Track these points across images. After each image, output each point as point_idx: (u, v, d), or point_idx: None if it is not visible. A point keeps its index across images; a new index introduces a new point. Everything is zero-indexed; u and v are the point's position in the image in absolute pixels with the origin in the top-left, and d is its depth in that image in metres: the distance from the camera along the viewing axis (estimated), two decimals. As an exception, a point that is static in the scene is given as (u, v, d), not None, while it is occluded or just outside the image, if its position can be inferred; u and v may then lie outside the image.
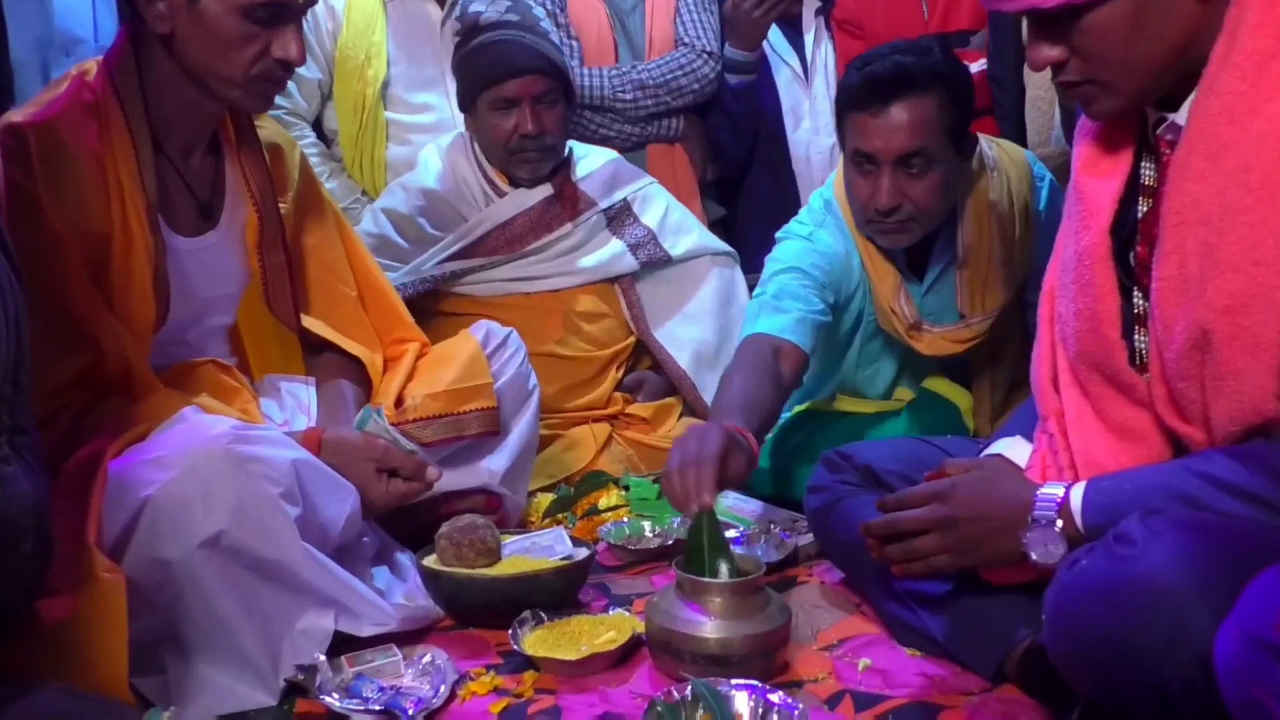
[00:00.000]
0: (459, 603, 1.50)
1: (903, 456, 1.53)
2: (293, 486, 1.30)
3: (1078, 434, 1.21)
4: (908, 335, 1.91)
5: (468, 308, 2.27)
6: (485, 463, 1.77)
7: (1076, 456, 1.20)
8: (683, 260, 2.41)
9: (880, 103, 1.71)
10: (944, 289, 1.92)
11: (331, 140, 2.57)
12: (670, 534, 1.82)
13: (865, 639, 1.44)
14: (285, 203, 1.67)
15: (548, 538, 1.63)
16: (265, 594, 1.28)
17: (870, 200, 1.76)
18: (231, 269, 1.62)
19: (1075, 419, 1.21)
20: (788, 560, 1.72)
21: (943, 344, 1.91)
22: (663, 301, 2.40)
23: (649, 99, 2.54)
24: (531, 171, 2.26)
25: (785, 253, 1.90)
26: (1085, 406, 1.21)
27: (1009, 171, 1.91)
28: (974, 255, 1.88)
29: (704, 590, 1.32)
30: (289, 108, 2.45)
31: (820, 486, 1.57)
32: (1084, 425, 1.20)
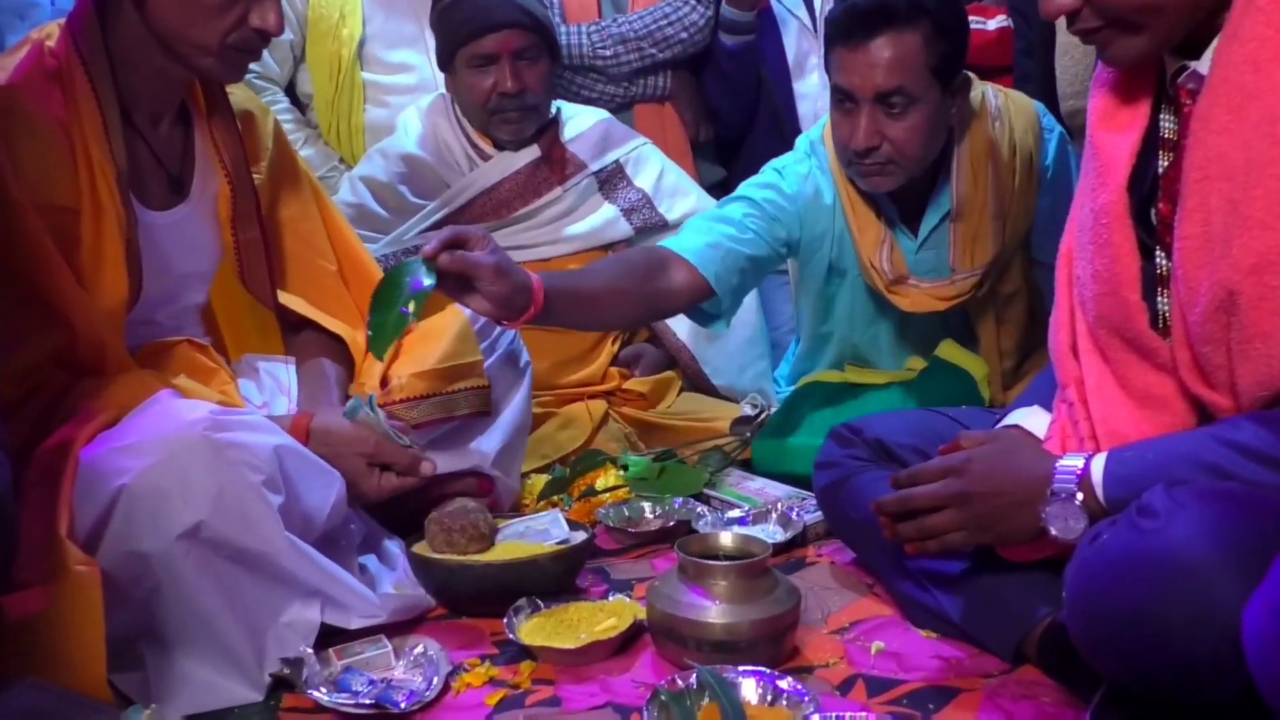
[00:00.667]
0: (451, 591, 1.51)
1: (916, 429, 1.54)
2: (275, 474, 1.31)
3: (1098, 402, 1.21)
4: (888, 291, 1.91)
5: (452, 281, 2.27)
6: (476, 444, 1.78)
7: (1097, 426, 1.21)
8: (680, 225, 2.41)
9: (860, 36, 1.70)
10: (940, 244, 1.92)
11: (306, 105, 2.56)
12: (672, 515, 1.83)
13: (878, 621, 1.45)
14: (259, 173, 1.67)
15: (543, 521, 1.64)
16: (248, 586, 1.29)
17: (849, 140, 1.76)
18: (203, 244, 1.61)
19: (1095, 387, 1.22)
20: (796, 540, 1.73)
21: (925, 300, 1.91)
22: None
23: (631, 54, 2.52)
24: (513, 133, 2.25)
25: (747, 183, 1.91)
26: (1106, 373, 1.21)
27: (1013, 121, 1.91)
28: (967, 206, 1.89)
29: (709, 573, 1.33)
30: (260, 72, 2.44)
31: (829, 462, 1.58)
32: (1105, 393, 1.21)
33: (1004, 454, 1.25)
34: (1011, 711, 1.23)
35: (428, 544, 1.54)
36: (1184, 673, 0.97)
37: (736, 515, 1.79)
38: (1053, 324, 1.30)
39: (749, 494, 1.91)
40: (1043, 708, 1.23)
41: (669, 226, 2.38)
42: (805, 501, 1.82)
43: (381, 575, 1.55)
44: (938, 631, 1.40)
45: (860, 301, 2.01)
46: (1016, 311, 2.02)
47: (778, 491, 1.91)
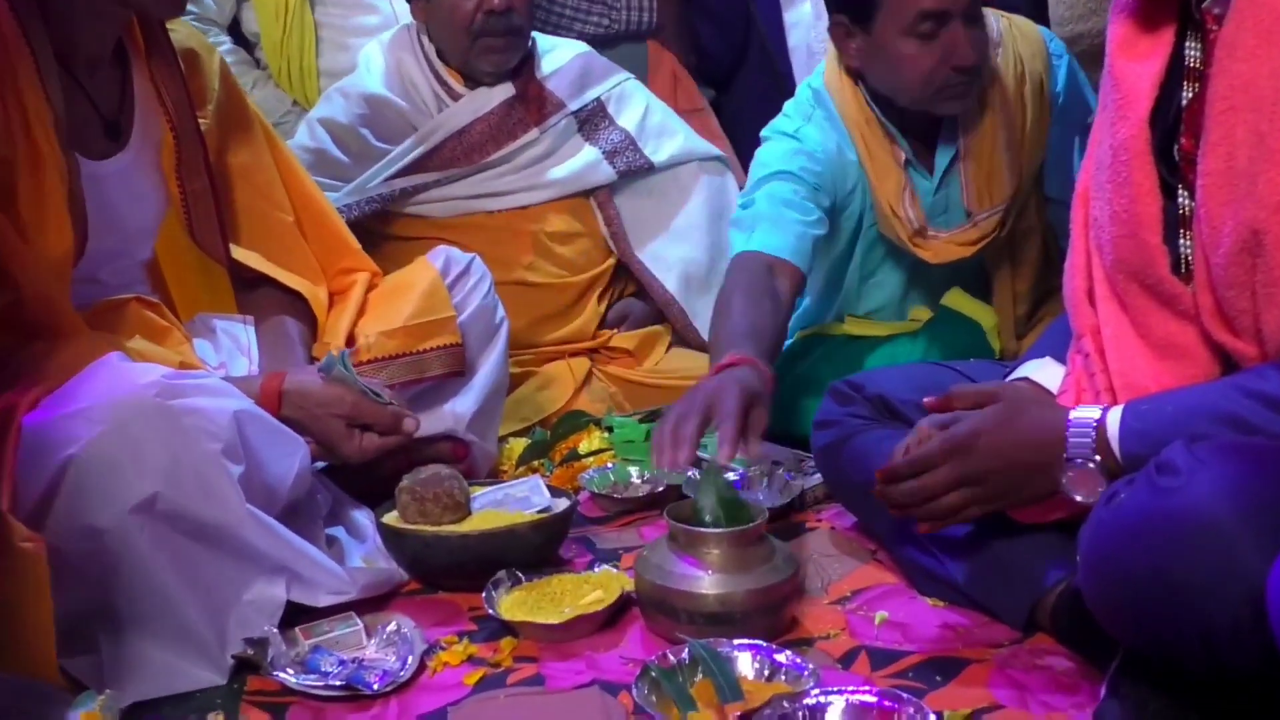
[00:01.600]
0: (425, 564, 1.52)
1: (920, 385, 1.53)
2: (234, 441, 1.31)
3: (1116, 352, 1.22)
4: (911, 243, 1.93)
5: (422, 230, 2.26)
6: (449, 406, 1.78)
7: (1115, 378, 1.21)
8: (667, 168, 2.40)
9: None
10: (953, 184, 1.94)
11: (254, 44, 2.52)
12: (660, 480, 1.83)
13: (881, 589, 1.47)
14: (205, 118, 1.65)
15: (522, 488, 1.65)
16: (208, 562, 1.29)
17: (946, 61, 1.81)
18: (146, 195, 1.60)
19: (1113, 336, 1.22)
20: (793, 505, 1.74)
21: (950, 249, 1.93)
22: (645, 216, 2.39)
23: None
24: (497, 63, 2.23)
25: (771, 155, 1.91)
26: (1124, 321, 1.22)
27: (1019, 48, 1.93)
28: (978, 142, 1.90)
29: (700, 541, 1.34)
30: (198, 12, 2.40)
31: (828, 421, 1.58)
32: (1122, 342, 1.21)
33: (1011, 419, 1.24)
34: (1023, 682, 1.24)
35: (399, 514, 1.55)
36: (1203, 639, 0.98)
37: (730, 478, 1.79)
38: (1068, 269, 1.30)
39: (742, 455, 1.91)
40: (1056, 678, 1.25)
41: (655, 169, 2.38)
42: (803, 463, 1.83)
43: (350, 548, 1.56)
44: (945, 599, 1.41)
45: (869, 252, 2.01)
46: (1031, 253, 2.03)
47: (774, 453, 1.90)
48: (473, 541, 1.49)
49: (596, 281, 2.38)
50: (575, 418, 2.06)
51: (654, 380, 2.25)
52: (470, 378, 1.82)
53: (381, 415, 1.53)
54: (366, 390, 1.53)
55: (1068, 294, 1.30)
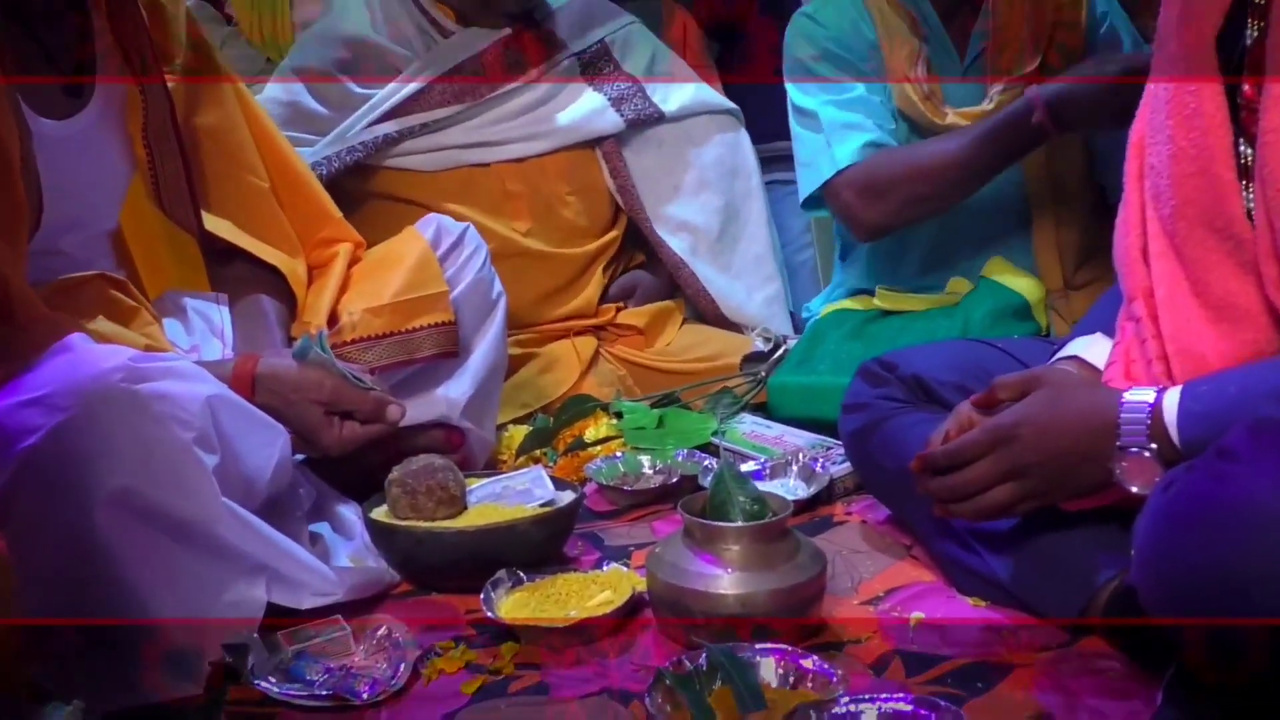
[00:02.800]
0: (418, 563, 1.53)
1: (960, 364, 1.55)
2: (208, 429, 1.32)
3: (1170, 315, 1.21)
4: (924, 104, 1.99)
5: (407, 189, 2.25)
6: (443, 391, 1.79)
7: (1168, 344, 1.21)
8: (676, 119, 2.39)
9: None
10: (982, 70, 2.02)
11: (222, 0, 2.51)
12: (674, 470, 1.85)
13: (917, 588, 1.47)
14: (172, 74, 1.66)
15: (523, 480, 1.66)
16: (182, 561, 1.30)
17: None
18: (110, 158, 1.61)
19: (1167, 297, 1.22)
20: (820, 496, 1.75)
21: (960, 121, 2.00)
22: (654, 174, 2.39)
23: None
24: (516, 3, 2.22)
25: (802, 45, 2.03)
26: (1180, 279, 1.21)
27: None
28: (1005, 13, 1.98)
29: (719, 536, 1.35)
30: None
31: (858, 404, 1.59)
32: (1177, 304, 1.21)
33: (1056, 405, 1.25)
34: (1073, 689, 1.24)
35: (389, 509, 1.57)
36: (1268, 641, 0.99)
37: (751, 468, 1.81)
38: (1119, 226, 1.30)
39: (765, 443, 1.93)
40: (1108, 684, 1.25)
41: (665, 119, 2.37)
42: (831, 451, 1.84)
43: (336, 546, 1.58)
44: (986, 598, 1.41)
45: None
46: (1078, 199, 2.04)
47: (799, 440, 1.93)
48: (469, 538, 1.51)
49: (603, 252, 2.38)
50: (581, 403, 2.07)
51: (666, 363, 2.26)
52: (465, 359, 1.83)
53: (363, 401, 1.55)
54: (347, 374, 1.54)
55: (1119, 254, 1.30)
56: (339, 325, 1.72)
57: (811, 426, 1.96)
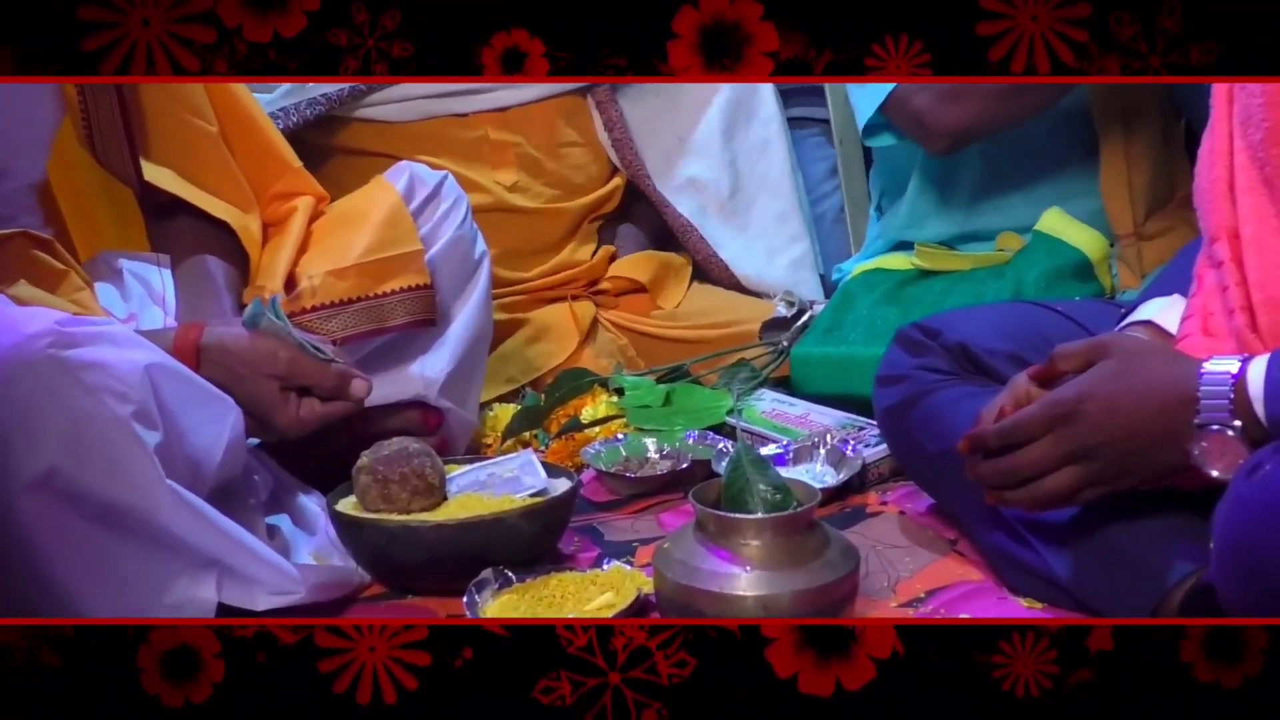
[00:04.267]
0: (391, 561, 1.53)
1: (1013, 330, 1.54)
2: (148, 402, 1.31)
3: (1257, 258, 1.21)
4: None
5: (376, 141, 2.26)
6: (418, 365, 1.79)
7: (1254, 291, 1.21)
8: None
9: None
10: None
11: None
12: (684, 455, 1.84)
13: (963, 588, 1.47)
14: (106, 0, 1.65)
15: (511, 466, 1.66)
16: (119, 554, 1.29)
17: None
18: (35, 100, 1.61)
19: (1255, 237, 1.21)
20: (852, 483, 1.75)
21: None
22: (654, 124, 2.40)
23: None
24: None
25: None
26: (1269, 216, 1.21)
27: None
28: None
29: (736, 530, 1.34)
30: None
31: (896, 376, 1.59)
32: (1266, 244, 1.20)
33: (1126, 376, 1.24)
34: (1142, 701, 1.25)
35: (357, 500, 1.56)
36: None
37: (772, 452, 1.80)
38: (1202, 157, 1.30)
39: (788, 423, 1.93)
40: (1184, 695, 1.26)
41: None
42: (864, 431, 1.84)
43: (297, 541, 1.57)
44: (1043, 599, 1.41)
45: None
46: (1153, 128, 2.03)
47: (826, 419, 1.92)
48: (449, 533, 1.50)
49: (599, 206, 2.38)
50: (576, 377, 2.06)
51: (673, 330, 2.26)
52: (443, 328, 1.83)
53: (323, 375, 1.54)
54: (304, 345, 1.54)
55: (1200, 189, 1.29)
56: (298, 290, 1.71)
57: (841, 403, 1.95)
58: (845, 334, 2.02)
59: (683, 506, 1.74)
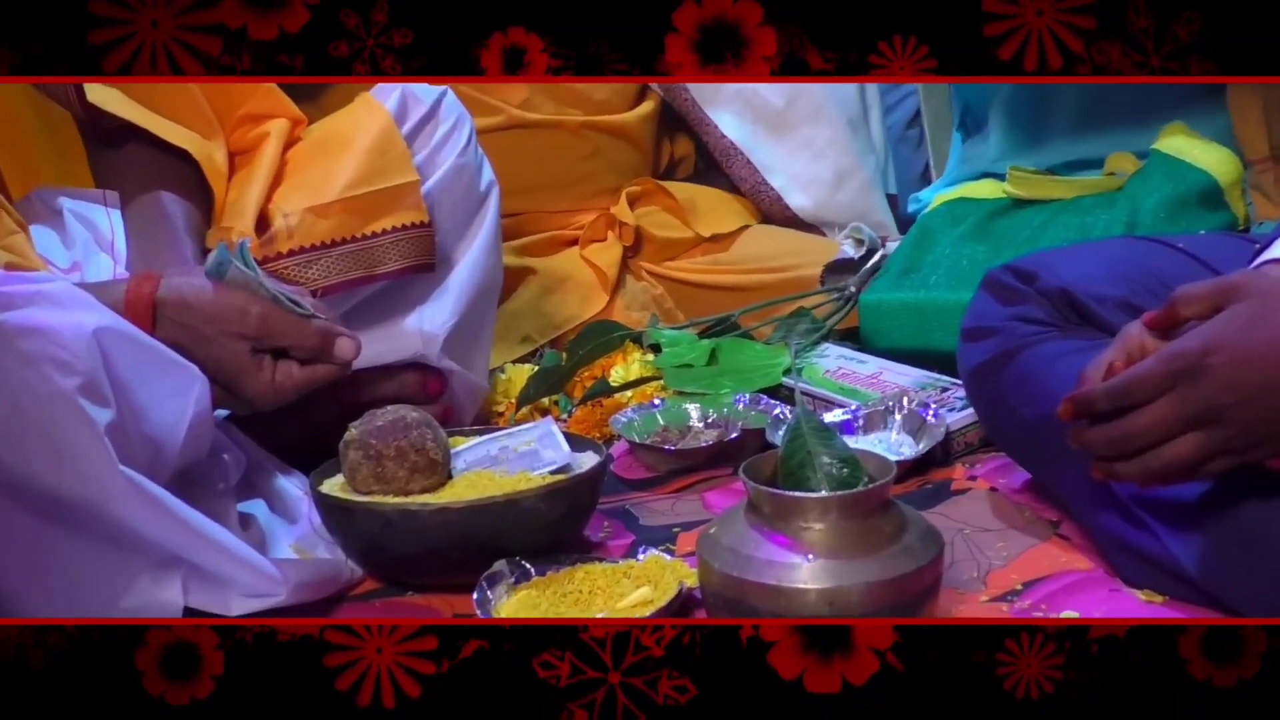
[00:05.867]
0: (386, 552, 1.53)
1: (1126, 270, 1.54)
2: (96, 373, 1.31)
3: None
4: None
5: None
6: (415, 319, 1.80)
7: None
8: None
9: None
10: None
11: None
12: (733, 423, 1.85)
13: (1068, 579, 1.47)
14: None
15: (528, 438, 1.66)
16: (66, 553, 1.30)
17: None
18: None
19: None
20: (934, 455, 1.75)
21: None
22: None
23: None
24: None
25: None
26: None
27: None
28: None
29: (796, 511, 1.34)
30: None
31: (985, 328, 1.58)
32: None
33: (1261, 324, 1.23)
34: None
35: (346, 479, 1.57)
36: None
37: (838, 418, 1.80)
38: None
39: (856, 384, 1.93)
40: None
41: None
42: (947, 393, 1.85)
43: (275, 531, 1.58)
44: (1164, 592, 1.41)
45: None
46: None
47: (903, 378, 1.92)
48: (455, 518, 1.50)
49: (630, 130, 2.38)
50: (604, 332, 2.07)
51: (719, 275, 2.26)
52: (445, 275, 1.83)
53: (302, 333, 1.54)
54: (280, 297, 1.54)
55: None
56: (271, 231, 1.71)
57: (919, 360, 1.96)
58: (924, 277, 2.02)
59: (732, 484, 1.75)
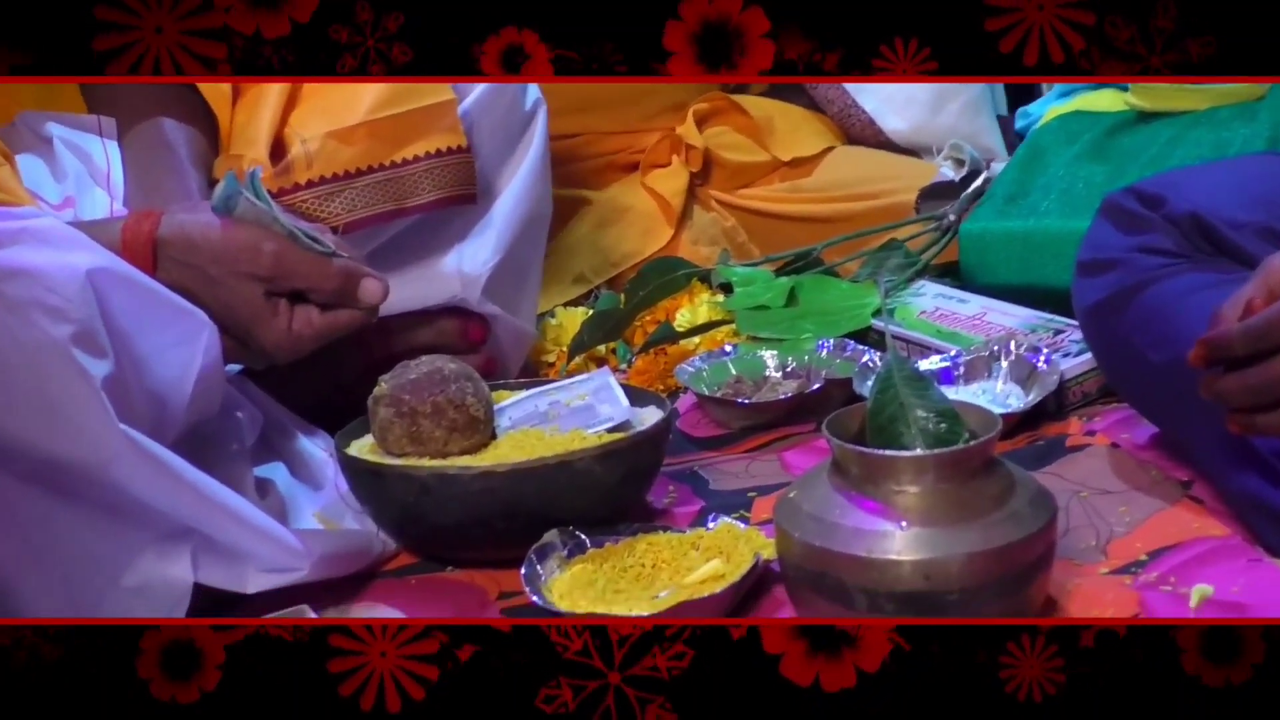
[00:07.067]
0: (422, 522, 1.54)
1: (1266, 193, 1.53)
2: (92, 321, 1.32)
3: None
4: None
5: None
6: (452, 258, 1.80)
7: None
8: None
9: None
10: None
11: None
12: (815, 372, 1.85)
13: (1201, 547, 1.46)
14: None
15: (581, 391, 1.66)
16: (61, 523, 1.31)
17: None
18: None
19: None
20: (1046, 407, 1.75)
21: None
22: None
23: None
24: None
25: None
26: None
27: None
28: None
29: (888, 472, 1.34)
30: None
31: (1104, 260, 1.57)
32: None
33: None
34: None
35: (376, 440, 1.57)
36: None
37: (935, 366, 1.80)
38: None
39: (956, 326, 1.93)
40: None
41: None
42: (1061, 337, 1.84)
43: (297, 498, 1.60)
44: (1313, 561, 1.41)
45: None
46: None
47: (1009, 320, 1.92)
48: (501, 482, 1.51)
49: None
50: (668, 270, 2.06)
51: (798, 203, 2.26)
52: (486, 207, 1.84)
53: (324, 275, 1.55)
54: (297, 233, 1.54)
55: None
56: (287, 159, 1.72)
57: (1029, 298, 1.95)
58: (1034, 202, 2.02)
59: (814, 441, 1.75)
